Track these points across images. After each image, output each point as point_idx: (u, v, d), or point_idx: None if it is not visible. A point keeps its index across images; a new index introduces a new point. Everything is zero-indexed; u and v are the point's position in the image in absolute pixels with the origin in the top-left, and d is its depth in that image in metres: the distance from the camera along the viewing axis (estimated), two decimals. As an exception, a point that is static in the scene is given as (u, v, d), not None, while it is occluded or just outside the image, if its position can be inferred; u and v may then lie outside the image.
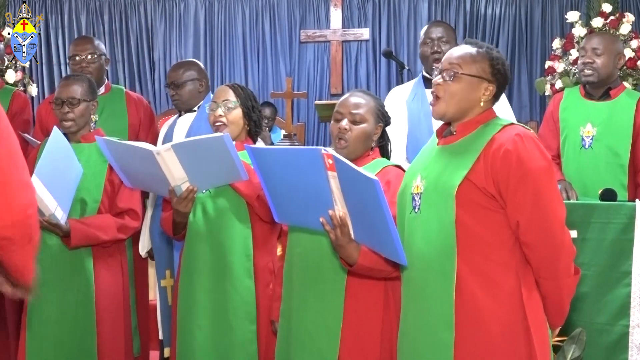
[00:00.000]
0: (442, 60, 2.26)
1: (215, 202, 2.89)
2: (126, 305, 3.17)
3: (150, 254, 3.93)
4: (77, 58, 3.92)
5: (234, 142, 2.85)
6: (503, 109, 3.44)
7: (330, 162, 2.15)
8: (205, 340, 2.86)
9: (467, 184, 2.09)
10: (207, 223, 2.89)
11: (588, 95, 3.82)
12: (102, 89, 3.98)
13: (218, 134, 2.76)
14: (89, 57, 3.92)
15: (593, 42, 3.81)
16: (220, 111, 2.92)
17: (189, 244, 2.93)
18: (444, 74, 2.19)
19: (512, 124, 2.17)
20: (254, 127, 2.98)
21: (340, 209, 2.22)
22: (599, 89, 3.80)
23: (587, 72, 3.76)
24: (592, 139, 3.74)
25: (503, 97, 3.60)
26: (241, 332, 2.84)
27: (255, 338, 2.85)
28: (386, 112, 2.64)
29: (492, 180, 2.08)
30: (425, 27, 3.78)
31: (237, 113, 2.93)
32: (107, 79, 4.19)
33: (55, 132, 2.91)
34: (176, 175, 2.72)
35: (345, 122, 2.54)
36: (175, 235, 2.98)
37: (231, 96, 2.94)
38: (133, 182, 2.93)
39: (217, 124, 2.91)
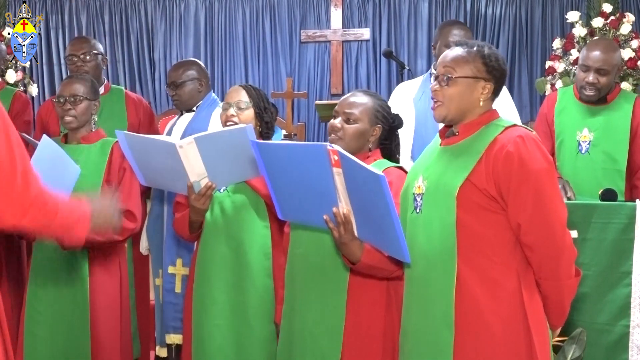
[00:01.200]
0: (437, 64, 2.26)
1: (233, 201, 2.88)
2: (124, 307, 3.16)
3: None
4: (74, 58, 3.93)
5: None
6: (507, 108, 3.43)
7: (336, 158, 2.14)
8: (224, 340, 2.85)
9: (468, 186, 2.09)
10: (225, 221, 2.87)
11: (586, 100, 3.75)
12: (101, 89, 3.97)
13: (241, 125, 2.75)
14: (86, 56, 3.93)
15: (598, 60, 3.61)
16: (232, 111, 2.91)
17: (205, 243, 2.91)
18: (440, 79, 2.20)
19: (514, 125, 2.17)
20: (265, 128, 2.98)
21: (344, 206, 2.21)
22: None
23: (589, 92, 3.65)
24: (589, 144, 3.70)
25: (508, 97, 3.58)
26: (261, 331, 2.84)
27: (275, 337, 2.83)
28: (388, 115, 2.60)
29: (494, 181, 2.08)
30: (444, 26, 3.69)
31: (249, 114, 2.93)
32: (107, 79, 4.19)
33: (44, 141, 2.87)
34: (196, 170, 2.70)
35: (338, 120, 2.54)
36: (190, 234, 2.95)
37: (244, 97, 2.94)
38: (149, 179, 2.90)
39: (228, 123, 2.90)
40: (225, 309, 2.85)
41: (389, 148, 2.64)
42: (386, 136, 2.60)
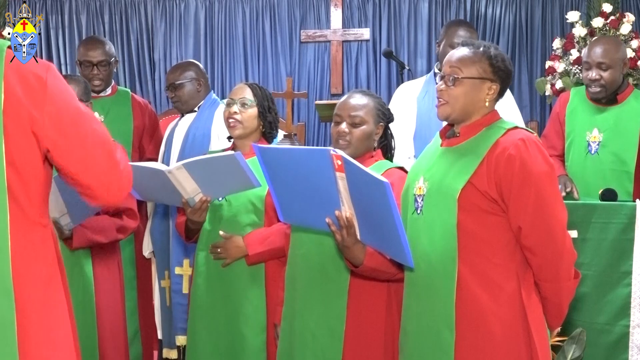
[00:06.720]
0: (443, 64, 2.26)
1: (229, 209, 2.87)
2: (123, 305, 3.16)
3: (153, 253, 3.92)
4: (88, 64, 3.88)
5: (246, 142, 2.84)
6: (510, 110, 3.42)
7: (339, 163, 2.14)
8: (214, 347, 2.84)
9: (470, 188, 2.09)
10: (221, 227, 2.86)
11: (595, 99, 3.76)
12: (108, 90, 3.96)
13: (229, 152, 2.73)
14: (101, 64, 3.88)
15: (598, 56, 3.64)
16: (235, 108, 2.90)
17: (201, 248, 2.91)
18: (446, 79, 2.19)
19: (516, 127, 2.17)
20: (268, 128, 2.96)
21: (346, 210, 2.21)
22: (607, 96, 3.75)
23: (595, 89, 3.66)
24: (598, 144, 3.69)
25: (510, 99, 3.58)
26: (251, 341, 2.82)
27: (264, 347, 2.82)
28: (387, 111, 2.63)
29: (495, 184, 2.08)
30: (450, 26, 3.67)
31: (252, 112, 2.92)
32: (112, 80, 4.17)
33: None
34: (189, 189, 2.70)
35: (344, 125, 2.54)
36: (188, 241, 2.97)
37: (248, 94, 2.93)
38: (144, 196, 2.92)
39: (230, 120, 2.90)
40: (219, 316, 2.84)
41: (386, 144, 2.65)
42: (383, 133, 2.61)
